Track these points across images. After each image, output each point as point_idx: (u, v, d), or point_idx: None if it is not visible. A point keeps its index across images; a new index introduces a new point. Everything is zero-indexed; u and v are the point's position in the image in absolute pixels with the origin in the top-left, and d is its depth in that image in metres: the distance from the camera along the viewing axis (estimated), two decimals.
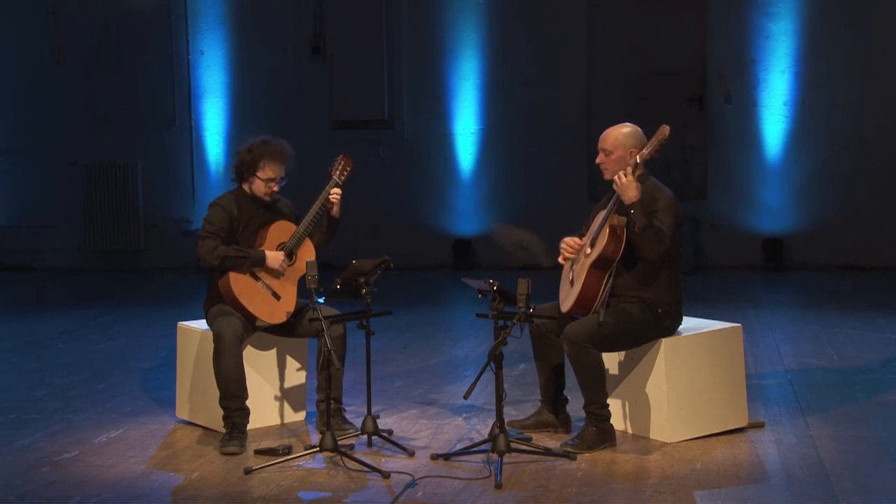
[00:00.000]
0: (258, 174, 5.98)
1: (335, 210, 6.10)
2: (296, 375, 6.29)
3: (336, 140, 11.95)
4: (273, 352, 6.22)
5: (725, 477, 5.24)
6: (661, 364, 5.72)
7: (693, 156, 11.99)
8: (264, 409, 6.19)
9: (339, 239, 6.48)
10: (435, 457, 5.54)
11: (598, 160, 5.81)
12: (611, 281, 5.64)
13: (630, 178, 5.53)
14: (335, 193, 6.05)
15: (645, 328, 5.69)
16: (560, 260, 5.88)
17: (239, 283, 5.88)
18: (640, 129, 5.79)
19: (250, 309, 5.89)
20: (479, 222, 12.41)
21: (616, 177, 5.59)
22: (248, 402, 5.87)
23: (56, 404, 6.78)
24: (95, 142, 12.67)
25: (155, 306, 10.39)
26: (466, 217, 12.40)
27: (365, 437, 5.75)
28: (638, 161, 5.56)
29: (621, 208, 5.60)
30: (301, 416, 6.33)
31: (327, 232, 6.19)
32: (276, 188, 6.02)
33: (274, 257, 5.94)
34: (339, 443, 5.45)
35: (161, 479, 5.35)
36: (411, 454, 5.59)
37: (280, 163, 5.98)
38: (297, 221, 6.08)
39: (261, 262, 5.91)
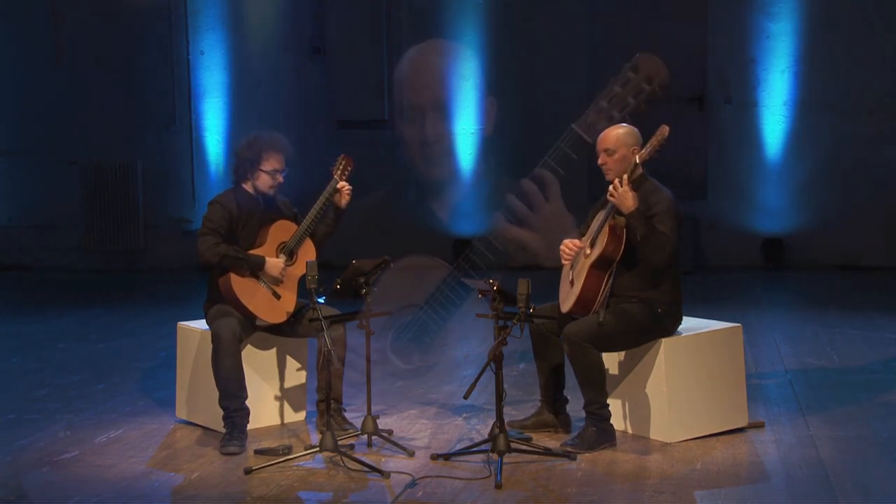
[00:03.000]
0: (262, 167, 5.99)
1: (344, 202, 6.13)
2: (296, 375, 6.29)
3: (336, 140, 11.94)
4: (273, 352, 6.22)
5: (725, 477, 5.24)
6: (661, 364, 5.72)
7: (693, 156, 11.99)
8: (264, 409, 6.19)
9: (339, 239, 6.48)
10: (435, 457, 5.54)
11: (600, 162, 5.76)
12: (611, 281, 5.64)
13: (626, 187, 5.51)
14: (346, 188, 6.08)
15: (645, 328, 5.69)
16: (563, 262, 5.88)
17: (239, 282, 5.88)
18: (636, 129, 5.78)
19: (250, 308, 5.89)
20: (479, 222, 12.40)
21: (611, 189, 5.56)
22: (247, 402, 5.87)
23: (56, 404, 6.78)
24: (95, 142, 12.67)
25: (155, 306, 10.38)
26: (466, 217, 12.39)
27: (365, 437, 5.75)
28: (637, 161, 5.56)
29: (620, 211, 5.59)
30: (301, 416, 6.32)
31: (333, 223, 6.19)
32: (280, 179, 6.04)
33: (273, 265, 5.93)
34: (339, 443, 5.45)
35: (161, 479, 5.35)
36: (411, 454, 5.59)
37: (281, 152, 6.01)
38: (296, 221, 6.09)
39: (259, 267, 5.91)
